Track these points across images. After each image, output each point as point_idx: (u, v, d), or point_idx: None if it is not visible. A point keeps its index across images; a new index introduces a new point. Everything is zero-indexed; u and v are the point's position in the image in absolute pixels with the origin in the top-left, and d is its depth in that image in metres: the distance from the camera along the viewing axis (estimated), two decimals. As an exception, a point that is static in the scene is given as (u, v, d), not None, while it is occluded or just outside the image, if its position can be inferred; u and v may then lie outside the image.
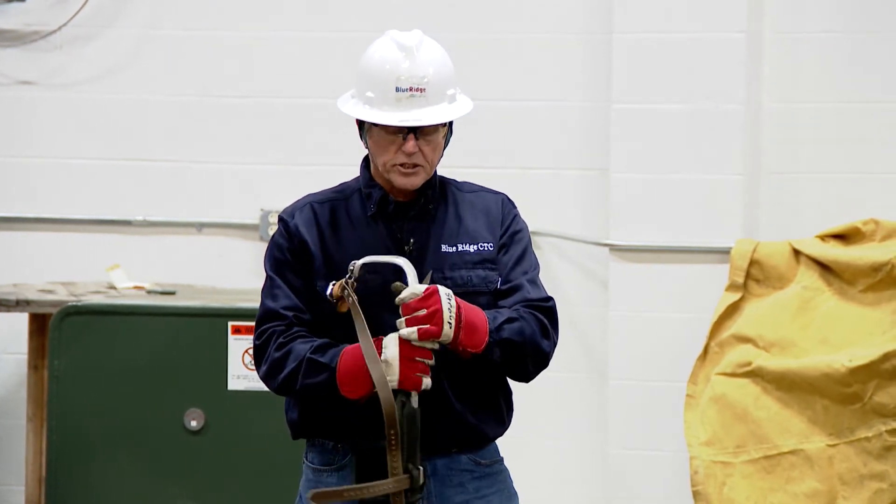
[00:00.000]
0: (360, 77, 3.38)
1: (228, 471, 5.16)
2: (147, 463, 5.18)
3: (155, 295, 5.65)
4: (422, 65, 3.32)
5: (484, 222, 3.41)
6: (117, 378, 5.21)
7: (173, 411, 5.19)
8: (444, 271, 3.35)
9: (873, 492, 5.66)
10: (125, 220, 6.46)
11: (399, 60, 3.33)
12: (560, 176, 6.29)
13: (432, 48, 3.37)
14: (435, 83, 3.32)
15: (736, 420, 5.82)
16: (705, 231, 6.06)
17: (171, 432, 5.17)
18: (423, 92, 3.31)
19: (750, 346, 5.88)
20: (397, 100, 3.31)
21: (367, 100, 3.33)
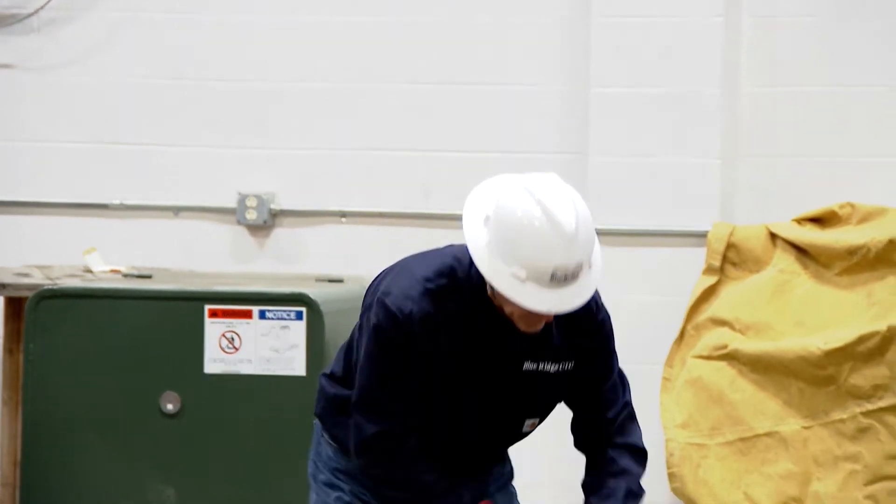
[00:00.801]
0: (506, 243, 3.10)
1: (204, 454, 5.15)
2: (123, 446, 5.17)
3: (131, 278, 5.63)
4: (581, 252, 3.12)
5: (569, 336, 3.28)
6: (93, 361, 5.20)
7: (149, 395, 5.18)
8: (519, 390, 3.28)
9: (847, 473, 5.69)
10: (102, 204, 6.45)
11: (560, 250, 3.08)
12: (539, 160, 6.29)
13: (586, 223, 3.14)
14: (584, 265, 3.14)
15: (711, 402, 5.83)
16: (682, 214, 6.06)
17: (147, 416, 5.17)
18: (577, 277, 3.12)
19: (726, 329, 5.89)
20: (549, 284, 3.10)
21: (515, 274, 3.09)
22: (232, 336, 5.16)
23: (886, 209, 5.90)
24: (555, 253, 3.09)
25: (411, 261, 3.31)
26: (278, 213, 6.42)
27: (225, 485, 5.11)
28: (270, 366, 5.11)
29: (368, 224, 6.41)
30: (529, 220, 3.10)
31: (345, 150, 6.37)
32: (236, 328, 5.16)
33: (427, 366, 3.22)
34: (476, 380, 3.25)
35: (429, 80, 6.33)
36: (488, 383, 3.26)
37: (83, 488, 5.16)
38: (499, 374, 3.25)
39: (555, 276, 3.10)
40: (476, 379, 3.25)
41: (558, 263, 3.09)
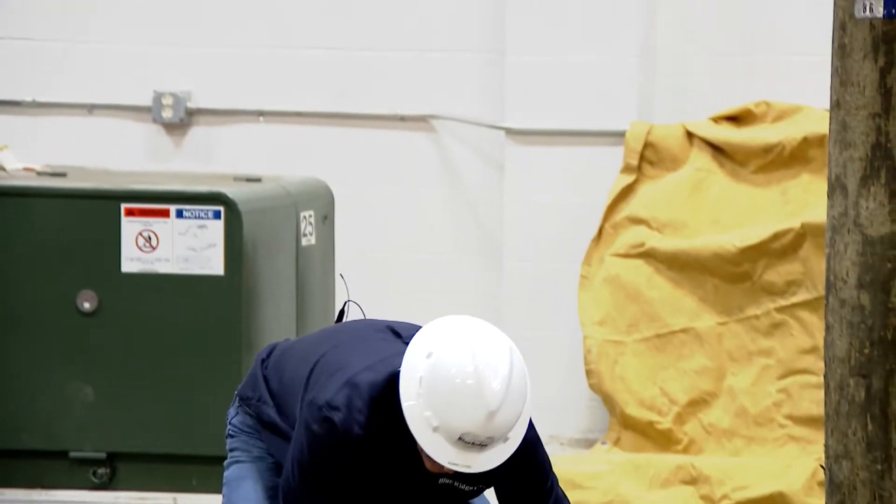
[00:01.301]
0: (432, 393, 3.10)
1: (122, 353, 5.14)
2: (40, 345, 5.14)
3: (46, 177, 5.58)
4: (496, 429, 3.09)
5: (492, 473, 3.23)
6: (9, 260, 5.15)
7: (66, 294, 5.15)
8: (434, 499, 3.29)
9: (761, 367, 5.78)
10: (14, 101, 6.36)
11: (475, 420, 3.07)
12: (456, 59, 6.27)
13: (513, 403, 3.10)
14: (500, 436, 3.11)
15: (628, 300, 5.89)
16: (600, 114, 6.08)
17: (64, 315, 5.14)
18: (486, 446, 3.11)
19: (643, 228, 5.94)
20: (456, 443, 3.10)
21: (429, 420, 3.09)
22: (149, 235, 5.13)
23: (801, 107, 5.95)
24: (469, 420, 3.09)
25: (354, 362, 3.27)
26: (195, 111, 6.37)
27: (142, 382, 5.11)
28: (188, 265, 5.10)
29: (285, 123, 6.37)
30: (458, 380, 3.09)
31: (262, 49, 6.31)
32: (153, 227, 5.13)
33: (353, 473, 3.24)
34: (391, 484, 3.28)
35: (346, -23, 6.28)
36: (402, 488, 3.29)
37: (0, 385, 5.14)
38: (414, 482, 3.27)
39: (462, 440, 3.11)
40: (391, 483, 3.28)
41: (468, 431, 3.09)
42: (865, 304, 3.07)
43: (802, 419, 5.68)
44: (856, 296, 3.08)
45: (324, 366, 3.29)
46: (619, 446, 5.82)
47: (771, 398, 5.72)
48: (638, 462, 5.63)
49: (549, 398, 6.16)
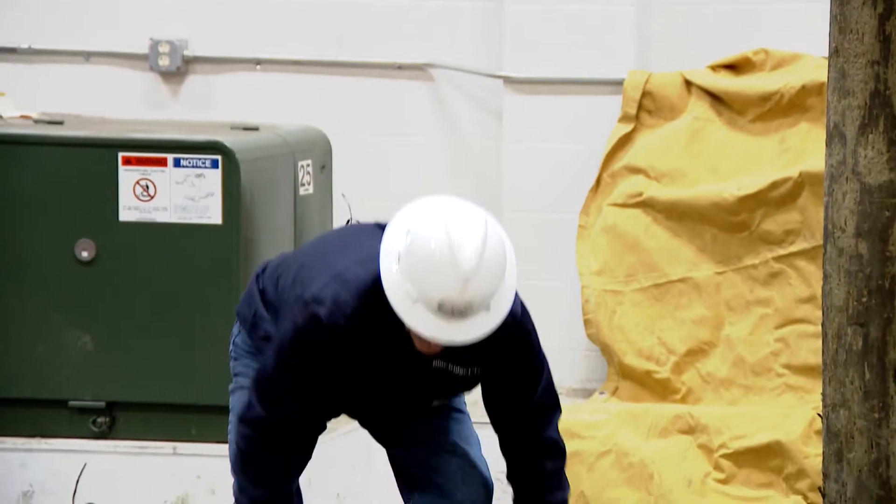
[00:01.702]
0: (407, 259, 3.18)
1: (120, 302, 5.14)
2: (38, 294, 5.15)
3: (42, 125, 5.56)
4: (472, 293, 3.16)
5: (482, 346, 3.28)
6: (4, 208, 5.15)
7: (63, 242, 5.15)
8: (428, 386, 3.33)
9: (759, 317, 5.79)
10: (10, 48, 6.34)
11: (450, 285, 3.14)
12: (453, 6, 6.24)
13: (489, 266, 3.19)
14: (479, 303, 3.17)
15: (627, 249, 5.90)
16: (598, 62, 6.06)
17: (62, 264, 5.14)
18: (464, 314, 3.17)
19: (641, 177, 5.94)
20: (436, 312, 3.16)
21: (408, 292, 3.16)
22: (147, 184, 5.12)
23: (800, 55, 5.93)
24: (445, 286, 3.15)
25: (341, 259, 3.32)
26: (192, 59, 6.35)
27: (140, 332, 5.12)
28: (186, 214, 5.09)
29: (283, 72, 6.35)
30: (432, 247, 3.16)
31: None
32: (151, 176, 5.12)
33: (338, 367, 3.27)
34: (384, 373, 3.31)
35: (343, -76, 6.25)
36: (396, 376, 3.33)
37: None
38: (407, 369, 3.31)
39: (442, 308, 3.16)
40: (384, 373, 3.31)
41: (445, 297, 3.15)
42: (863, 253, 3.08)
43: (800, 368, 5.69)
44: (854, 244, 3.08)
45: (312, 265, 3.34)
46: (617, 396, 5.84)
47: (769, 347, 5.73)
48: (636, 412, 5.65)
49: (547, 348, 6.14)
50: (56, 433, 5.11)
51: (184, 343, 5.08)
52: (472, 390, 3.46)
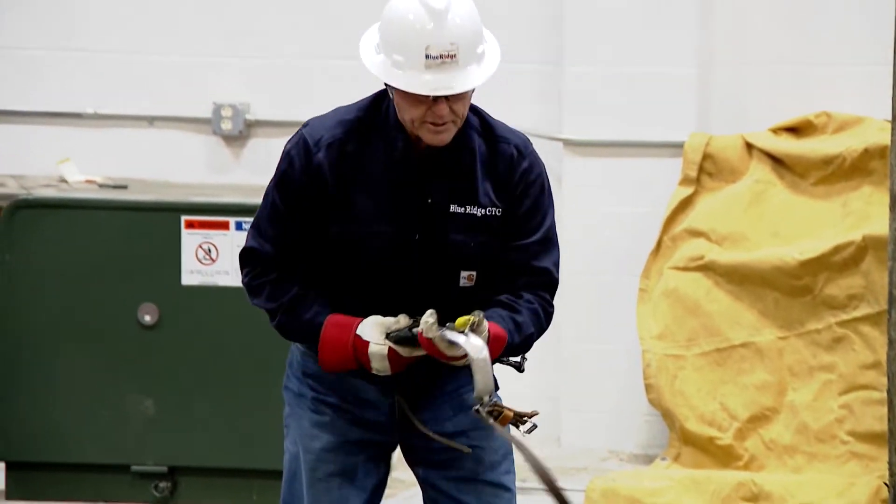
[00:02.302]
0: (385, 35, 3.25)
1: (182, 365, 5.17)
2: (101, 357, 5.18)
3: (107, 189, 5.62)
4: (452, 30, 3.20)
5: (494, 182, 3.31)
6: (69, 272, 5.19)
7: (127, 306, 5.18)
8: (449, 234, 3.30)
9: (822, 383, 5.73)
10: (76, 113, 6.41)
11: (428, 27, 3.20)
12: (513, 69, 6.26)
13: (461, 7, 3.24)
14: (465, 47, 3.20)
15: (688, 313, 5.86)
16: (659, 125, 6.06)
17: (125, 327, 5.17)
18: (454, 58, 3.19)
19: (702, 240, 5.91)
20: (427, 66, 3.19)
21: (396, 63, 3.21)
22: (209, 247, 5.15)
23: (862, 118, 5.90)
24: (424, 30, 3.20)
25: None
26: (253, 123, 6.39)
27: (201, 395, 5.13)
28: (247, 277, 5.11)
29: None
30: (402, 7, 3.24)
31: (319, 60, 6.33)
32: (213, 239, 5.15)
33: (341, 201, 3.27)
34: (400, 217, 3.28)
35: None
36: (413, 222, 3.29)
37: (62, 399, 5.17)
38: (424, 214, 3.29)
39: (429, 56, 3.19)
40: (399, 216, 3.28)
41: (429, 42, 3.19)
42: (929, 322, 3.05)
43: (865, 435, 5.62)
44: (920, 313, 3.05)
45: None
46: (679, 462, 5.79)
47: (833, 414, 5.67)
48: (698, 478, 5.59)
49: (607, 413, 6.14)
50: (118, 498, 5.13)
51: (245, 407, 5.09)
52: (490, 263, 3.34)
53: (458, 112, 3.24)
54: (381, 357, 3.23)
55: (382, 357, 3.23)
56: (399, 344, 3.22)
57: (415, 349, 3.22)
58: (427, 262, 3.31)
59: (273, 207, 3.32)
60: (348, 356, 3.25)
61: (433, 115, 3.21)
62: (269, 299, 3.31)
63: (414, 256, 3.30)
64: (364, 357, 3.24)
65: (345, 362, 3.27)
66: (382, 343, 3.23)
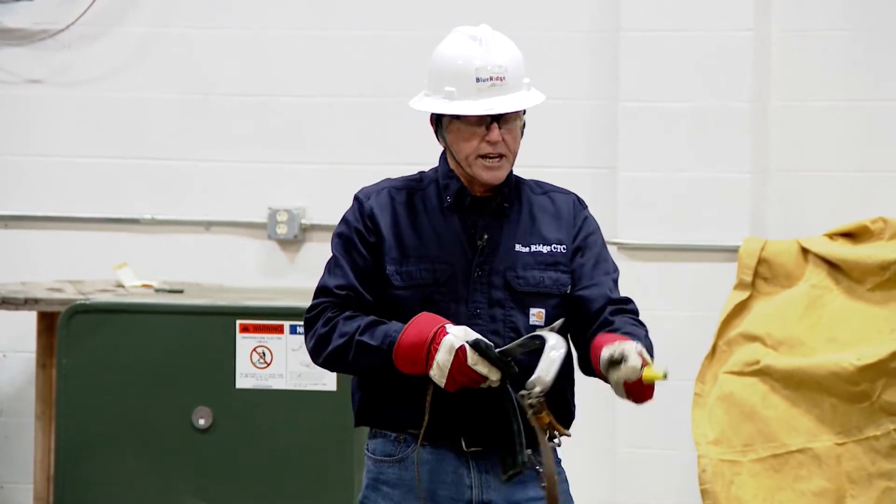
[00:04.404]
0: (434, 74, 3.39)
1: (236, 469, 5.16)
2: (155, 461, 5.18)
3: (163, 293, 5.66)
4: (498, 53, 3.36)
5: (556, 224, 3.43)
6: (125, 376, 5.21)
7: (181, 410, 5.19)
8: (516, 270, 3.36)
9: (882, 490, 5.66)
10: (133, 219, 6.47)
11: (475, 51, 3.35)
12: (568, 174, 6.28)
13: (503, 38, 3.42)
14: (513, 70, 3.35)
15: (744, 419, 5.82)
16: (713, 229, 6.05)
17: (180, 431, 5.18)
18: (504, 80, 3.34)
19: (758, 345, 5.88)
20: (478, 90, 3.33)
21: (447, 94, 3.34)
22: (263, 351, 5.16)
23: (919, 224, 5.89)
24: (472, 55, 3.34)
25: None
26: (308, 227, 6.43)
27: (256, 499, 5.12)
28: (301, 381, 5.12)
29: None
30: (447, 40, 3.40)
31: (373, 165, 6.38)
32: (267, 343, 5.17)
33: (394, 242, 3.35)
34: (453, 255, 3.34)
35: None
36: (469, 260, 3.35)
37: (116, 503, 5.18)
38: (483, 252, 3.35)
39: (480, 79, 3.32)
40: (452, 254, 3.35)
41: (478, 65, 3.33)
42: None
43: (924, 543, 5.56)
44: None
45: None
46: (736, 569, 5.73)
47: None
48: (757, 585, 5.53)
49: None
50: None
51: (299, 511, 5.08)
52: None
53: (510, 145, 3.36)
54: (450, 349, 3.22)
55: (451, 349, 3.21)
56: (474, 348, 3.22)
57: (486, 364, 3.21)
58: (492, 299, 3.34)
59: (335, 260, 3.40)
60: (424, 339, 3.24)
61: (488, 144, 3.32)
62: (342, 333, 3.35)
63: (475, 294, 3.34)
64: (436, 346, 3.23)
65: (418, 347, 3.25)
66: (462, 337, 3.23)
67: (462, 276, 3.34)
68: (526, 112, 3.42)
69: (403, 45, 6.34)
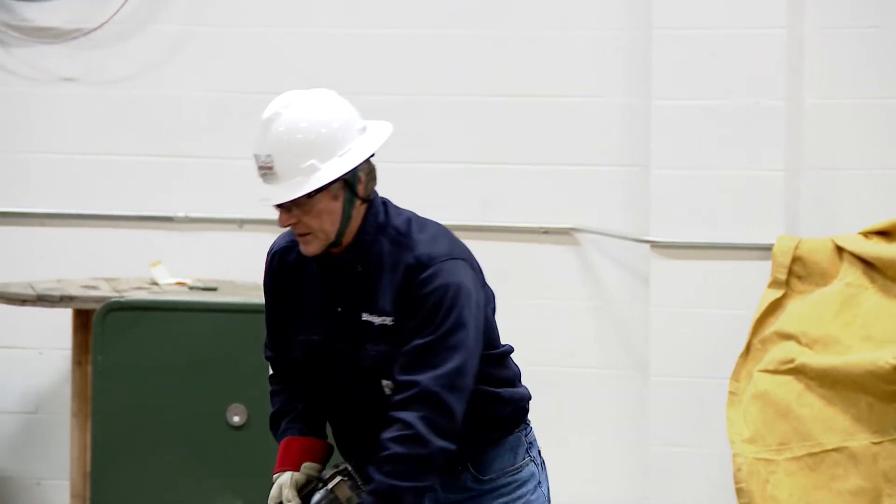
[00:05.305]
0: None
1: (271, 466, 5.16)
2: (190, 458, 5.19)
3: (197, 291, 5.67)
4: (266, 143, 3.22)
5: (392, 290, 3.24)
6: (160, 373, 5.23)
7: (216, 406, 5.20)
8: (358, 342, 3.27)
9: (919, 490, 5.65)
10: (167, 217, 6.48)
11: (258, 135, 3.25)
12: (601, 172, 6.28)
13: (286, 120, 3.21)
14: (280, 160, 3.20)
15: (779, 417, 5.80)
16: (747, 227, 6.04)
17: (214, 427, 5.19)
18: (272, 170, 3.22)
19: (793, 343, 5.86)
20: (260, 175, 3.26)
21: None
22: (297, 348, 5.17)
23: (955, 221, 5.86)
24: (256, 138, 3.24)
25: None
26: (340, 225, 6.43)
27: (290, 497, 5.12)
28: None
29: (429, 236, 6.40)
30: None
31: (406, 163, 6.38)
32: (301, 341, 5.17)
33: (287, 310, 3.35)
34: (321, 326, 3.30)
35: (489, 92, 6.33)
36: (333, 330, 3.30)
37: (152, 499, 5.19)
38: (338, 323, 3.28)
39: (259, 168, 3.24)
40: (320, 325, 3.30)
41: (255, 151, 3.24)
42: None
43: (961, 543, 5.53)
44: None
45: None
46: (772, 568, 5.71)
47: (930, 521, 5.58)
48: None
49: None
50: None
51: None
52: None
53: (310, 225, 3.24)
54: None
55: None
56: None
57: None
58: (349, 371, 3.27)
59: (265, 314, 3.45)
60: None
61: (296, 231, 3.26)
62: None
63: (340, 366, 3.27)
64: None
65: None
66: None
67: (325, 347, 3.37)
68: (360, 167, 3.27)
69: (438, 42, 6.33)
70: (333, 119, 3.25)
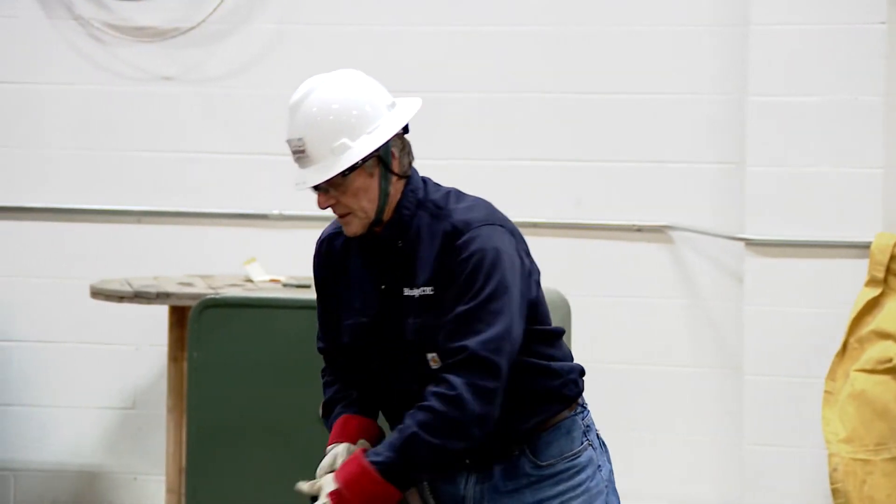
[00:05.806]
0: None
1: (363, 463, 5.18)
2: (283, 454, 5.22)
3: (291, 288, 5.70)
4: (296, 126, 3.26)
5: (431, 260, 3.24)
6: (255, 370, 5.26)
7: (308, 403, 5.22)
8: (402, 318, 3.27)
9: None
10: (262, 214, 6.53)
11: (288, 121, 3.29)
12: (695, 169, 6.24)
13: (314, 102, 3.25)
14: (312, 142, 3.23)
15: (876, 417, 5.73)
16: (843, 225, 5.97)
17: (307, 424, 5.21)
18: (304, 153, 3.25)
19: (890, 343, 5.79)
20: (294, 159, 3.30)
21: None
22: (390, 345, 5.18)
23: None
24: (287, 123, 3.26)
25: None
26: (433, 222, 6.44)
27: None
28: (427, 375, 5.13)
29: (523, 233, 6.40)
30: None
31: (499, 161, 6.38)
32: (394, 337, 5.19)
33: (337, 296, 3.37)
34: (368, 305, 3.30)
35: (584, 91, 6.31)
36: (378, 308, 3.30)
37: (247, 495, 5.23)
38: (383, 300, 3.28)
39: (293, 153, 3.26)
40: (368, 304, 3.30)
41: (287, 136, 3.27)
42: None
43: None
44: None
45: None
46: (869, 570, 5.65)
47: None
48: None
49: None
50: None
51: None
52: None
53: (349, 205, 3.28)
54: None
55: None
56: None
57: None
58: (395, 348, 3.28)
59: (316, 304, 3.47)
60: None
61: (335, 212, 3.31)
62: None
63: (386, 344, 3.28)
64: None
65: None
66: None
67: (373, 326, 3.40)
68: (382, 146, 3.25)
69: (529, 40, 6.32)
70: (360, 97, 3.26)
